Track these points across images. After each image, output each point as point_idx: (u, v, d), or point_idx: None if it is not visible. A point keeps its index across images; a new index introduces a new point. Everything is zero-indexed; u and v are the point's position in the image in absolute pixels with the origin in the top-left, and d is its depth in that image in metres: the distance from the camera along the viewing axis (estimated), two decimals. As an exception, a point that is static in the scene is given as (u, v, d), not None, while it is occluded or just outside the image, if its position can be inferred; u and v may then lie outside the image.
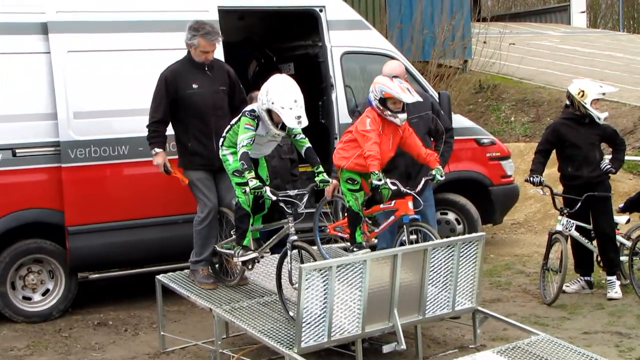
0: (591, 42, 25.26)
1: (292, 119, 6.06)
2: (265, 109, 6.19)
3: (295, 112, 6.07)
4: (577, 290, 8.49)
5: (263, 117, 6.25)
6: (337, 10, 9.47)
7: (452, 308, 6.54)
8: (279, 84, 6.24)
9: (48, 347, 7.26)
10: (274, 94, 6.13)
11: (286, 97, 6.10)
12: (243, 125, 6.29)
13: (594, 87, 8.39)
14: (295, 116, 6.06)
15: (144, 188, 8.17)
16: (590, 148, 8.30)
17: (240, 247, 6.60)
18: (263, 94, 6.22)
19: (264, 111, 6.21)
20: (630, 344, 6.78)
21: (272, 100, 6.10)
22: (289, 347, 5.74)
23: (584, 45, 24.27)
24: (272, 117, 6.21)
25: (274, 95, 6.12)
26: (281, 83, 6.25)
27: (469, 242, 6.55)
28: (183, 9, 8.53)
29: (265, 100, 6.16)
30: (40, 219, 8.00)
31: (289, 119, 6.06)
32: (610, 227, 8.29)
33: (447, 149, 7.61)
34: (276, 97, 6.10)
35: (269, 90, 6.18)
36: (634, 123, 14.45)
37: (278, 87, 6.19)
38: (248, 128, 6.26)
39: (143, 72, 7.86)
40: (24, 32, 7.94)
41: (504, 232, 11.88)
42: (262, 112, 6.23)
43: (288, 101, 6.08)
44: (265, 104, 6.17)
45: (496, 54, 18.45)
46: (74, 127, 7.98)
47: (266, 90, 6.20)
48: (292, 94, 6.14)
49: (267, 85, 6.23)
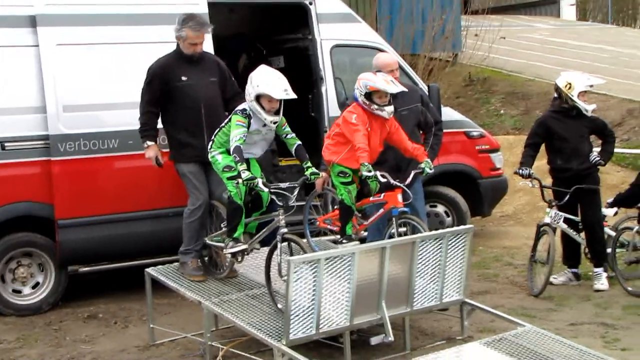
0: (580, 34, 25.31)
1: (280, 91, 6.19)
2: (254, 97, 6.27)
3: (281, 85, 6.24)
4: (564, 282, 8.53)
5: (255, 109, 6.31)
6: (327, 3, 9.46)
7: (440, 300, 6.56)
8: (261, 70, 6.44)
9: (38, 340, 7.25)
10: (258, 79, 6.30)
11: (270, 77, 6.33)
12: (235, 123, 6.36)
13: (581, 79, 8.42)
14: (283, 89, 6.21)
15: (134, 181, 8.17)
16: (579, 140, 8.33)
17: (230, 239, 6.63)
18: (249, 85, 6.34)
19: (254, 101, 6.28)
20: (616, 335, 6.82)
21: (257, 84, 6.26)
22: (278, 339, 5.75)
23: (573, 38, 24.33)
24: (263, 105, 6.27)
25: (258, 79, 6.29)
26: (263, 69, 6.47)
27: (457, 235, 6.56)
28: (173, 2, 8.48)
29: (252, 88, 6.29)
30: (29, 212, 7.99)
31: (276, 91, 6.19)
32: (598, 220, 8.33)
33: (437, 141, 7.62)
34: (260, 80, 6.28)
35: (253, 78, 6.34)
36: (622, 116, 14.50)
37: (261, 72, 6.39)
38: (239, 124, 6.32)
39: (133, 65, 7.84)
40: (12, 25, 7.91)
41: (492, 224, 11.92)
42: (253, 104, 6.30)
43: (272, 79, 6.29)
44: (252, 92, 6.28)
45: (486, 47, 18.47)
46: (64, 120, 7.97)
47: (250, 79, 6.35)
48: (276, 74, 6.38)
49: (251, 76, 6.39)
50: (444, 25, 17.93)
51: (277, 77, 6.31)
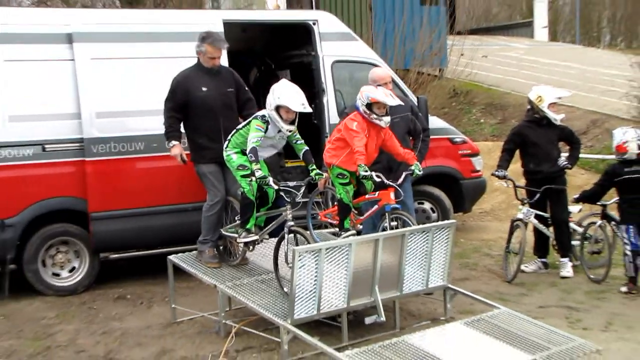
0: (551, 54, 25.23)
1: (298, 104, 6.22)
2: (274, 107, 6.28)
3: (299, 99, 6.25)
4: (534, 270, 8.56)
5: (274, 117, 6.31)
6: (329, 23, 9.47)
7: (426, 285, 6.58)
8: (283, 84, 6.43)
9: (74, 317, 7.30)
10: (279, 92, 6.30)
11: (290, 91, 6.31)
12: (254, 127, 6.37)
13: (550, 92, 8.46)
14: (300, 103, 6.24)
15: (158, 179, 8.19)
16: (550, 146, 8.36)
17: (243, 230, 6.67)
18: (270, 95, 6.34)
19: (273, 111, 6.29)
20: (579, 316, 6.88)
21: (279, 96, 6.26)
22: (284, 319, 5.78)
23: (545, 56, 24.25)
24: (281, 114, 6.29)
25: (280, 92, 6.29)
26: (284, 83, 6.47)
27: (441, 229, 6.59)
28: (192, 22, 8.53)
29: (273, 99, 6.29)
30: (66, 206, 8.01)
31: (295, 104, 6.22)
32: (564, 216, 8.37)
33: (424, 146, 7.64)
34: (282, 93, 6.28)
35: (274, 90, 6.33)
36: (587, 125, 14.50)
37: (282, 86, 6.38)
38: (258, 129, 6.33)
39: (157, 77, 7.84)
40: (51, 41, 7.94)
41: (472, 219, 11.92)
42: (272, 113, 6.31)
43: (292, 93, 6.28)
44: (273, 103, 6.29)
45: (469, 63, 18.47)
46: (96, 125, 7.99)
47: (272, 91, 6.35)
48: (295, 89, 6.36)
49: (273, 88, 6.37)
50: (432, 44, 17.91)
51: (296, 92, 6.31)
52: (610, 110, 15.17)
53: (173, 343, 6.39)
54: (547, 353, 5.64)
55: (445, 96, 18.15)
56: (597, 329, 6.48)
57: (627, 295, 7.53)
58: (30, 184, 7.79)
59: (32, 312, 7.51)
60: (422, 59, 17.42)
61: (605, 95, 16.50)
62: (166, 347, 6.29)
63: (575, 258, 8.46)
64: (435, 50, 18.15)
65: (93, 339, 6.61)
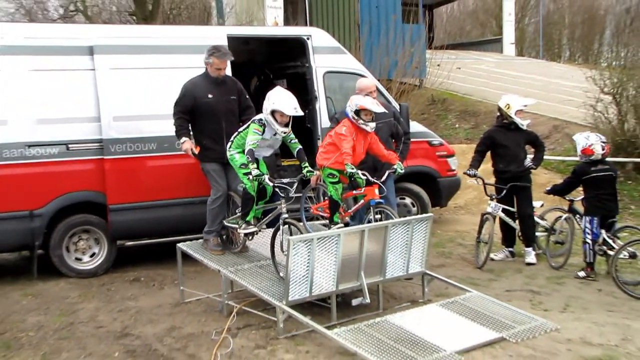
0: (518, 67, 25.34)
1: (291, 108, 6.22)
2: (270, 112, 6.28)
3: (292, 104, 6.25)
4: (502, 258, 8.59)
5: (269, 121, 6.31)
6: (321, 38, 9.46)
7: (406, 271, 6.59)
8: (277, 91, 6.43)
9: (94, 297, 7.30)
10: (274, 98, 6.30)
11: (283, 97, 6.31)
12: (252, 130, 6.37)
13: (517, 100, 8.50)
14: (293, 107, 6.24)
15: (168, 176, 8.16)
16: (517, 149, 8.39)
17: (244, 222, 6.67)
18: (266, 101, 6.33)
19: (269, 115, 6.29)
20: (540, 299, 6.91)
21: (273, 101, 6.27)
22: (279, 300, 5.79)
23: (512, 69, 24.35)
24: (276, 118, 6.28)
25: (274, 98, 6.30)
26: (278, 90, 6.46)
27: (420, 221, 6.60)
28: (200, 36, 8.53)
29: (269, 104, 6.29)
30: (87, 198, 7.99)
31: (288, 108, 6.21)
32: (529, 210, 8.39)
33: (405, 148, 7.68)
34: (276, 99, 6.29)
35: (270, 97, 6.33)
36: (550, 130, 14.57)
37: (276, 93, 6.38)
38: (255, 132, 6.34)
39: (168, 85, 7.79)
40: (75, 53, 7.91)
41: (448, 213, 11.94)
42: (268, 117, 6.30)
43: (285, 98, 6.29)
44: (269, 108, 6.28)
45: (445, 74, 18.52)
46: (114, 127, 7.97)
47: (268, 97, 6.34)
48: (288, 95, 6.35)
49: (269, 94, 6.37)
50: (412, 57, 17.93)
51: (289, 97, 6.31)
52: (570, 117, 15.23)
53: (181, 320, 6.39)
54: (512, 331, 5.70)
55: (424, 103, 18.21)
56: (556, 310, 6.51)
57: (584, 280, 7.58)
58: (56, 179, 7.77)
59: (58, 292, 7.50)
60: (403, 70, 17.45)
61: (565, 104, 16.56)
62: (175, 324, 6.28)
63: (539, 247, 8.49)
64: (415, 62, 18.22)
65: (111, 316, 6.60)
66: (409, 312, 6.17)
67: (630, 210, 11.03)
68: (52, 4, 27.83)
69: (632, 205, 11.25)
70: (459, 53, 24.19)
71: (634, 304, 6.77)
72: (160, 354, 5.57)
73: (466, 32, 39.47)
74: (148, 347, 5.73)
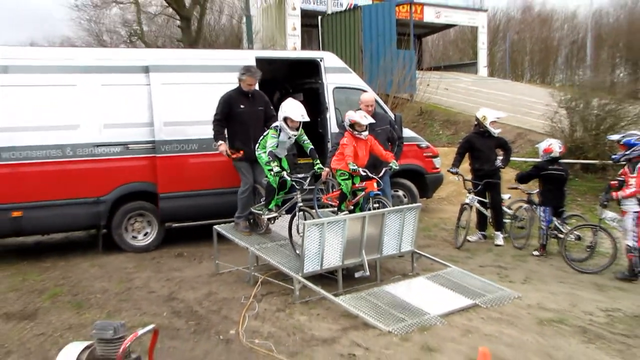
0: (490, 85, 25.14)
1: (298, 115, 6.21)
2: (282, 119, 6.24)
3: (299, 112, 6.23)
4: (476, 240, 8.50)
5: (283, 126, 6.27)
6: (331, 60, 9.39)
7: (399, 250, 6.54)
8: (288, 102, 6.41)
9: (147, 268, 7.28)
10: (285, 107, 6.30)
11: (292, 106, 6.30)
12: (270, 135, 6.38)
13: (492, 113, 8.46)
14: (300, 114, 6.22)
15: (206, 170, 8.10)
16: (490, 152, 8.32)
17: (267, 209, 6.62)
18: (280, 111, 6.32)
19: (282, 121, 6.23)
20: (507, 273, 6.86)
21: (285, 110, 6.26)
22: (296, 272, 5.76)
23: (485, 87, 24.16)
24: (288, 124, 6.22)
25: (285, 107, 6.29)
26: (289, 101, 6.43)
27: (411, 210, 6.54)
28: (233, 58, 8.47)
29: (281, 113, 6.29)
30: (142, 188, 7.95)
31: (296, 115, 6.20)
32: (499, 202, 8.32)
33: (399, 150, 7.65)
34: (287, 108, 6.28)
35: (282, 107, 6.34)
36: (514, 137, 14.39)
37: (287, 103, 6.37)
38: (273, 137, 6.33)
39: (207, 97, 7.76)
40: (134, 72, 7.90)
41: (433, 203, 11.86)
42: (282, 123, 6.26)
43: (294, 107, 6.27)
44: (281, 115, 6.28)
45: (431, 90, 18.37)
46: (164, 131, 7.93)
47: (281, 107, 6.34)
48: (296, 104, 6.33)
49: (282, 105, 6.37)
50: (405, 76, 17.85)
51: (297, 106, 6.28)
52: (530, 126, 15.09)
53: (216, 288, 6.36)
54: (484, 299, 5.67)
55: (415, 114, 18.10)
56: (519, 282, 6.46)
57: (539, 258, 7.54)
58: (117, 172, 7.74)
59: (118, 263, 7.49)
60: (398, 87, 17.37)
61: (527, 115, 16.42)
62: (212, 290, 6.25)
63: (505, 231, 8.40)
64: (407, 81, 18.12)
65: (160, 284, 6.58)
66: (401, 283, 6.13)
67: (577, 202, 10.93)
68: (118, 31, 28.08)
69: (579, 197, 11.17)
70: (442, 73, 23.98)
71: (580, 277, 6.77)
72: (200, 315, 5.54)
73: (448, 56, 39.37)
74: (190, 309, 5.71)
